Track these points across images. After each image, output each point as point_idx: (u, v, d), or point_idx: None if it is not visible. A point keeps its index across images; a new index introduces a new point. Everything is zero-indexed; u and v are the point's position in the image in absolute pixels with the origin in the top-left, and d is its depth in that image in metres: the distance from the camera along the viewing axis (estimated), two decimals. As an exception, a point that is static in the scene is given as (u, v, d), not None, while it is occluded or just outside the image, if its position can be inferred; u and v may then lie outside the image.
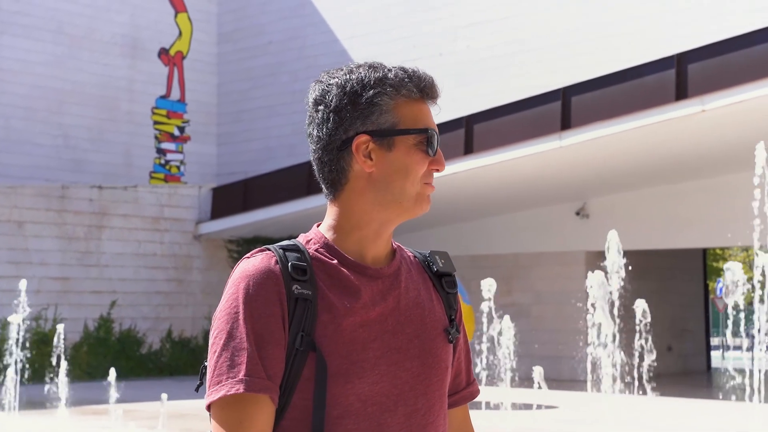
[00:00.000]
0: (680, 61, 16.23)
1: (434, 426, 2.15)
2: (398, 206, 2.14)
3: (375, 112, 2.13)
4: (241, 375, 1.99)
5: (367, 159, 2.13)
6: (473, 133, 18.19)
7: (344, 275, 2.12)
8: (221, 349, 2.01)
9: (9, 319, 15.78)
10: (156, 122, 25.29)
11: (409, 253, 2.28)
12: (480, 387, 2.40)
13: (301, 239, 2.17)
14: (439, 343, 2.18)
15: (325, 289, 2.09)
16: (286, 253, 2.10)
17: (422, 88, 2.19)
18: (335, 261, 2.13)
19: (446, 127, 18.26)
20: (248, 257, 2.12)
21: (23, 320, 15.43)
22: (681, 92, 15.96)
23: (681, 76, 16.09)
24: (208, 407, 2.02)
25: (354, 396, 2.05)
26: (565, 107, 17.28)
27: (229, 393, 1.98)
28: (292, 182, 21.10)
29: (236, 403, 1.98)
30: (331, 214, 2.18)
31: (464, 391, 2.35)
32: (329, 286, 2.10)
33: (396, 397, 2.10)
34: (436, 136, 2.17)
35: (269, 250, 2.11)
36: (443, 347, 2.19)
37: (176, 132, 25.63)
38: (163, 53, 25.50)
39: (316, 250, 2.14)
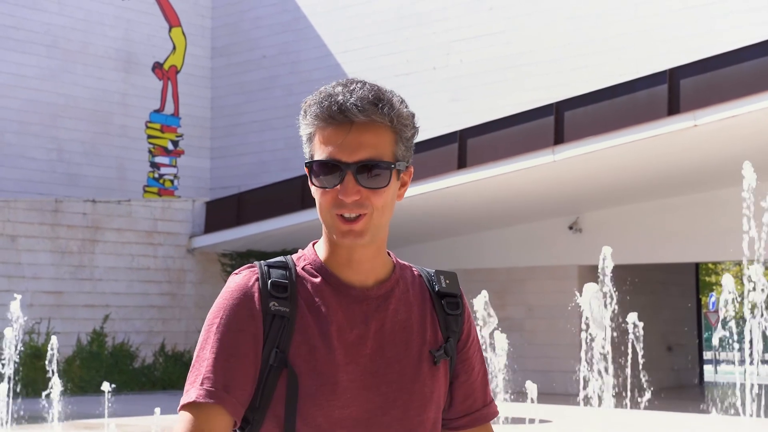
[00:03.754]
0: (672, 76, 16.29)
1: None
2: (331, 236, 2.12)
3: (306, 142, 2.14)
4: (197, 384, 2.04)
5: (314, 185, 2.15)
6: (466, 147, 18.22)
7: (325, 295, 2.11)
8: (195, 359, 2.09)
9: (4, 332, 15.75)
10: (150, 136, 25.30)
11: (415, 271, 2.24)
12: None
13: (295, 255, 2.19)
14: (425, 367, 2.14)
15: (305, 308, 2.09)
16: (271, 270, 2.12)
17: (332, 113, 2.06)
18: (318, 279, 2.13)
19: (439, 141, 18.30)
20: (235, 273, 2.15)
21: (16, 335, 15.41)
22: (673, 107, 16.01)
23: (673, 91, 16.15)
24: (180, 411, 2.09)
25: (322, 418, 2.05)
26: (558, 122, 17.32)
27: (187, 401, 2.04)
28: (285, 196, 21.10)
29: (193, 409, 2.04)
30: (322, 233, 2.19)
31: (477, 412, 2.27)
32: (310, 306, 2.10)
33: (367, 422, 2.07)
34: (320, 165, 2.08)
35: (255, 266, 2.13)
36: (430, 371, 2.15)
37: (170, 146, 25.64)
38: (157, 67, 25.53)
39: (303, 268, 2.15)
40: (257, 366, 2.06)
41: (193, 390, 2.04)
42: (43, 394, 15.35)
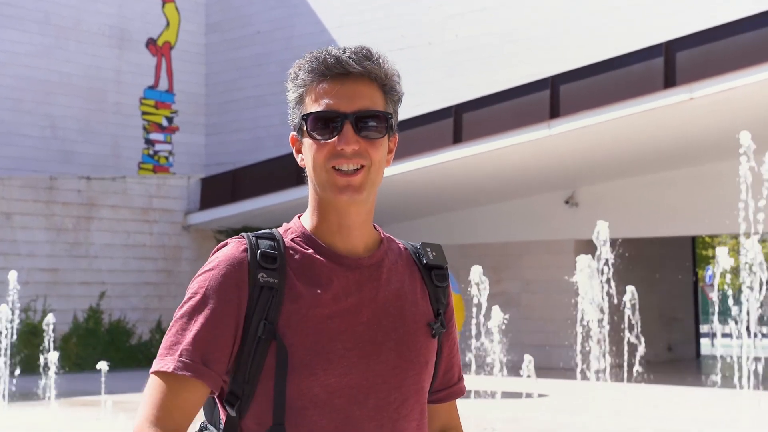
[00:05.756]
0: (668, 50, 16.23)
1: (407, 419, 2.11)
2: (324, 195, 2.12)
3: (294, 105, 2.15)
4: (176, 355, 2.01)
5: (300, 153, 2.17)
6: (462, 122, 18.17)
7: (318, 265, 2.10)
8: (172, 325, 2.06)
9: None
10: (144, 113, 25.22)
11: (400, 245, 2.24)
12: (470, 376, 2.37)
13: (281, 228, 2.18)
14: (420, 337, 2.14)
15: (294, 279, 2.07)
16: (259, 241, 2.10)
17: (328, 65, 2.09)
18: (310, 250, 2.11)
19: (435, 116, 18.23)
20: (223, 244, 2.13)
21: (12, 310, 15.38)
22: (669, 80, 15.96)
23: (669, 64, 16.09)
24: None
25: (319, 387, 2.03)
26: (554, 96, 17.27)
27: (161, 369, 2.01)
28: (280, 172, 21.05)
29: (167, 379, 2.01)
30: (308, 204, 2.19)
31: (455, 386, 2.30)
32: (300, 276, 2.08)
33: (367, 390, 2.06)
34: (316, 118, 2.08)
35: (243, 237, 2.12)
36: (424, 341, 2.14)
37: (164, 122, 25.56)
38: (150, 43, 25.41)
39: (292, 239, 2.13)
40: (237, 337, 2.04)
41: (170, 359, 2.01)
42: (41, 371, 15.35)
